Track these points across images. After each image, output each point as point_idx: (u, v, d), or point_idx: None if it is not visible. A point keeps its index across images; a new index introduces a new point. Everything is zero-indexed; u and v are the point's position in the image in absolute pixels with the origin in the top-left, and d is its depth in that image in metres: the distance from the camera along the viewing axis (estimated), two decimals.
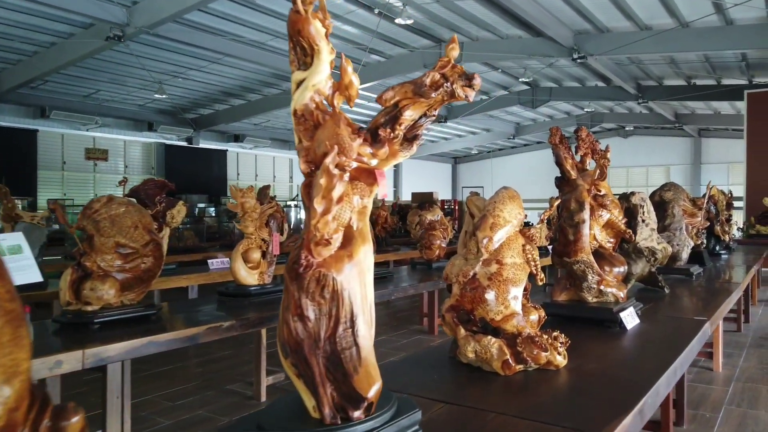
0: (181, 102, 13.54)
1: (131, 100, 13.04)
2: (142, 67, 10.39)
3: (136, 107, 13.57)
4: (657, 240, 3.38)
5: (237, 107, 14.28)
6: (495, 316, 1.72)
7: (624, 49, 9.24)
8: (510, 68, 12.97)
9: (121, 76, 11.50)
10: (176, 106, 13.69)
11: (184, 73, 11.49)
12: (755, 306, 6.75)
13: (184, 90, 12.65)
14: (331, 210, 1.06)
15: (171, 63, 10.84)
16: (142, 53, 10.02)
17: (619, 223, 2.55)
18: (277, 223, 3.22)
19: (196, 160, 14.97)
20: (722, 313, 2.91)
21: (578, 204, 2.39)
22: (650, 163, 22.33)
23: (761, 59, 10.78)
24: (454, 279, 1.76)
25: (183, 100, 13.43)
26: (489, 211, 1.75)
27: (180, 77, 11.64)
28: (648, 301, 3.07)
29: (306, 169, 1.13)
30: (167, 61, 10.74)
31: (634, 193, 3.21)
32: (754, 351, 4.61)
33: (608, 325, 2.40)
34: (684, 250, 4.08)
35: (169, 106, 13.81)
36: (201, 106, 14.19)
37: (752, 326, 5.58)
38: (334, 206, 1.06)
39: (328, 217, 1.06)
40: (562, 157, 2.40)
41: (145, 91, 12.23)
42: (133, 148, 14.21)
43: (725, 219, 6.13)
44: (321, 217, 1.05)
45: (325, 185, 1.05)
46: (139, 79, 11.54)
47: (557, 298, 2.59)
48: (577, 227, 2.38)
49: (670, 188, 4.13)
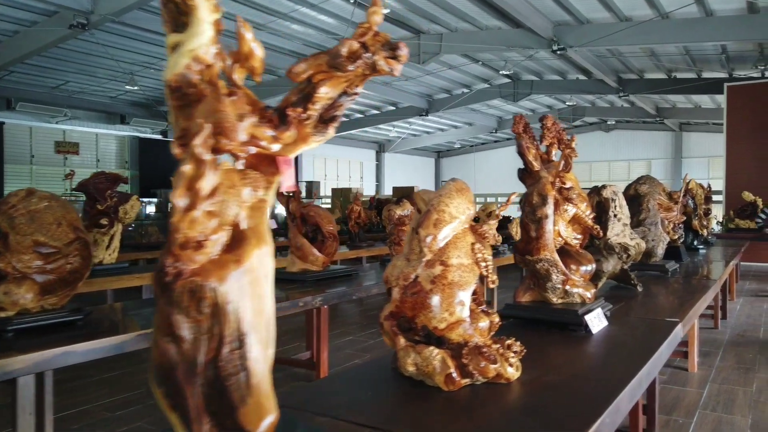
0: (155, 94, 13.19)
1: (102, 91, 12.67)
2: (110, 57, 10.05)
3: (108, 99, 13.20)
4: (630, 235, 3.22)
5: None
6: (438, 324, 1.52)
7: (604, 40, 9.11)
8: (490, 60, 12.80)
9: (89, 67, 11.14)
10: (150, 98, 13.34)
11: (156, 64, 11.16)
12: (733, 301, 6.65)
13: (157, 81, 12.30)
14: (198, 205, 0.85)
15: (140, 53, 10.51)
16: (109, 42, 9.69)
17: (586, 218, 2.37)
18: None
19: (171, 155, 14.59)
20: (696, 313, 2.75)
21: (541, 198, 2.20)
22: (632, 158, 22.39)
23: (741, 52, 10.73)
24: (395, 282, 1.57)
25: (157, 92, 13.08)
26: (433, 205, 1.56)
27: (152, 68, 11.30)
28: (619, 300, 2.90)
29: (180, 153, 0.92)
30: (136, 51, 10.41)
31: (606, 186, 3.04)
32: (731, 349, 4.48)
33: (573, 329, 2.22)
34: (659, 245, 3.93)
35: (143, 99, 13.45)
36: None
37: (730, 323, 5.47)
38: (203, 200, 0.85)
39: (196, 214, 0.85)
40: (525, 147, 2.21)
41: (116, 82, 11.88)
42: (106, 142, 13.84)
43: (703, 213, 6.02)
44: (184, 214, 0.84)
45: (189, 174, 0.84)
46: (108, 69, 11.19)
47: (520, 299, 2.41)
48: (539, 223, 2.19)
49: (646, 181, 3.97)
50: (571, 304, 2.33)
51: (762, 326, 5.35)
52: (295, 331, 5.04)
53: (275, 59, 11.06)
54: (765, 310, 6.13)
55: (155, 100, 13.48)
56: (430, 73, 13.59)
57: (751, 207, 9.12)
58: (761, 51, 10.33)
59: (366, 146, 22.40)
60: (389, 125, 19.01)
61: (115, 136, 13.97)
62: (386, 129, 19.79)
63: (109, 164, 13.94)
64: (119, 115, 13.39)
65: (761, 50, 10.32)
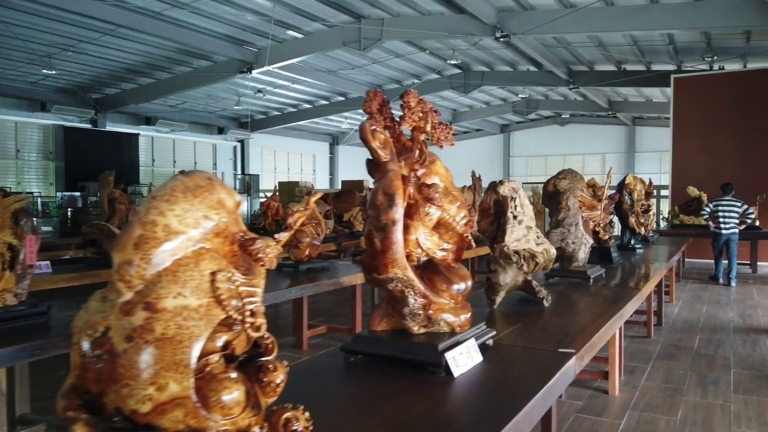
0: (80, 80, 12.26)
1: (20, 76, 11.67)
2: (16, 36, 9.16)
3: (28, 85, 12.19)
4: (537, 240, 2.73)
5: (146, 86, 13.09)
6: (139, 405, 0.96)
7: (547, 27, 8.70)
8: (438, 50, 12.32)
9: (3, 49, 10.18)
10: (75, 84, 12.40)
11: (75, 46, 10.28)
12: (672, 303, 6.31)
13: (79, 66, 11.40)
14: None
15: (55, 33, 9.63)
16: (17, 21, 8.81)
17: (454, 222, 1.85)
18: (30, 223, 2.38)
19: (102, 145, 13.66)
20: (603, 339, 2.27)
21: (387, 198, 1.67)
22: (587, 151, 22.33)
23: (689, 43, 10.49)
24: (78, 336, 1.00)
25: (81, 78, 12.15)
26: (139, 216, 0.99)
27: (70, 50, 10.41)
28: (513, 321, 2.41)
29: None
30: (50, 32, 9.53)
31: (504, 182, 2.54)
32: (661, 364, 4.07)
33: (431, 370, 1.70)
34: (581, 248, 3.47)
35: (68, 85, 12.49)
36: (105, 85, 12.92)
37: (665, 330, 5.08)
38: None
39: None
40: (368, 131, 1.67)
41: (33, 66, 10.92)
42: (28, 131, 12.82)
43: (641, 210, 5.63)
44: None
45: None
46: (23, 52, 10.24)
47: (376, 327, 1.88)
48: (384, 231, 1.66)
49: (566, 176, 3.50)
50: (435, 336, 1.81)
51: (698, 333, 4.98)
52: None
53: (205, 42, 10.33)
54: (704, 314, 5.79)
55: (80, 86, 12.53)
56: (377, 62, 13.04)
57: (696, 202, 8.89)
58: (708, 42, 10.11)
59: (319, 138, 21.71)
60: (340, 117, 18.38)
61: (39, 125, 12.95)
62: (338, 120, 19.16)
63: (31, 155, 12.92)
64: (40, 102, 12.38)
65: (708, 41, 10.09)
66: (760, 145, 10.09)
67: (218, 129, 17.05)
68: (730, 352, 4.37)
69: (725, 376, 3.80)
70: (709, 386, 3.60)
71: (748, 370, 3.95)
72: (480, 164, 23.12)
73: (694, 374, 3.81)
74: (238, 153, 18.33)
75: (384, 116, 1.84)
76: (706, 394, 3.45)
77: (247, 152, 18.35)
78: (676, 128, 10.76)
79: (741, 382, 3.70)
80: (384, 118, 1.84)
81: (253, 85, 13.46)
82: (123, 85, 13.11)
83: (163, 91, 12.96)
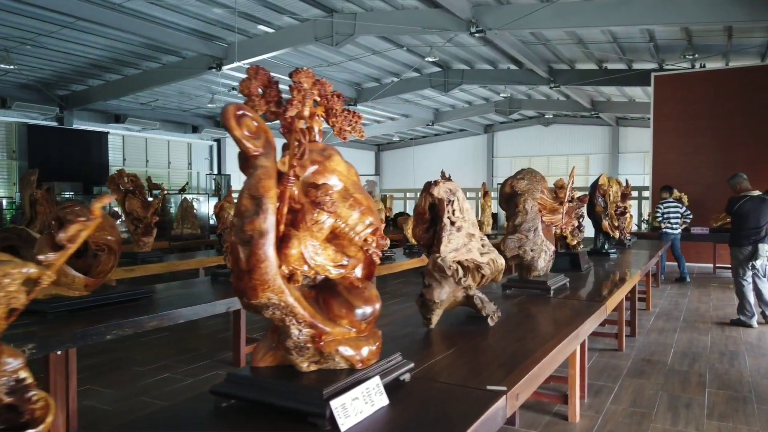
0: (42, 75, 11.76)
1: None
2: None
3: None
4: (481, 249, 2.38)
5: (113, 83, 12.61)
6: None
7: (524, 22, 8.38)
8: (416, 46, 11.98)
9: None
10: (37, 80, 11.89)
11: (33, 40, 9.79)
12: (649, 311, 6.00)
13: (40, 60, 10.90)
14: None
15: (10, 26, 9.15)
16: None
17: (352, 233, 1.49)
18: None
19: (69, 143, 13.16)
20: (546, 370, 1.92)
21: (253, 202, 1.30)
22: (571, 152, 22.10)
23: (669, 40, 10.23)
24: None
25: (43, 73, 11.65)
26: None
27: (28, 44, 9.93)
28: (450, 344, 2.05)
29: None
30: (5, 24, 9.04)
31: (438, 181, 2.18)
32: (631, 383, 3.72)
33: (313, 422, 1.34)
34: (540, 256, 3.12)
35: (31, 80, 11.97)
36: (70, 81, 12.42)
37: (638, 342, 4.74)
38: None
39: None
40: (232, 117, 1.31)
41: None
42: None
43: (615, 212, 5.32)
44: None
45: None
46: None
47: (258, 363, 1.51)
48: (251, 245, 1.29)
49: (525, 176, 3.16)
50: (327, 375, 1.45)
51: (673, 346, 4.65)
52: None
53: (171, 37, 9.90)
54: (681, 324, 5.46)
55: (43, 82, 12.03)
56: (353, 59, 12.66)
57: None
58: (689, 40, 9.84)
59: None
60: None
61: (1, 123, 12.43)
62: None
63: None
64: (0, 99, 11.86)
65: (689, 38, 9.83)
66: (741, 145, 9.85)
67: (192, 128, 16.58)
68: (706, 368, 4.05)
69: (699, 398, 3.47)
70: (681, 410, 3.26)
71: (724, 389, 3.63)
72: (463, 165, 22.86)
73: (666, 395, 3.48)
74: (215, 152, 17.87)
75: (268, 99, 1.49)
76: (677, 420, 3.11)
77: (224, 152, 17.89)
78: (657, 128, 10.50)
79: (716, 404, 3.37)
80: (268, 102, 1.49)
81: (226, 83, 13.03)
82: (89, 81, 12.61)
83: (132, 87, 12.50)
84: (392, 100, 15.97)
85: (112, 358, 4.31)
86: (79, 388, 3.56)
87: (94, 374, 3.91)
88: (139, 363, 4.18)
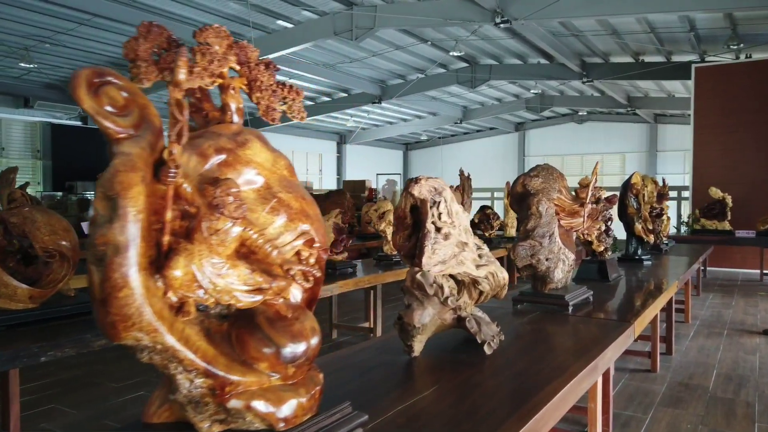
0: (64, 74, 11.74)
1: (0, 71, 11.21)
2: None
3: (11, 80, 11.72)
4: (477, 260, 1.97)
5: None
6: None
7: (551, 10, 7.86)
8: (441, 41, 11.54)
9: None
10: (58, 79, 11.89)
11: (51, 38, 9.73)
12: (688, 324, 5.43)
13: (59, 59, 10.87)
14: None
15: (28, 24, 9.09)
16: None
17: (263, 244, 1.10)
18: None
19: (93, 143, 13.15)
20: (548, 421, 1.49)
21: (107, 205, 0.93)
22: (606, 151, 21.27)
23: (712, 29, 9.54)
24: None
25: (65, 72, 11.63)
26: None
27: (47, 42, 9.87)
28: (434, 380, 1.64)
29: None
30: (23, 22, 9.00)
31: (419, 179, 1.77)
32: (664, 413, 3.22)
33: None
34: (557, 266, 2.68)
35: (53, 80, 11.98)
36: None
37: (675, 361, 4.20)
38: None
39: None
40: (81, 85, 0.94)
41: (12, 59, 10.43)
42: (12, 128, 12.36)
43: (649, 214, 4.80)
44: None
45: None
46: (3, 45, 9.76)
47: (151, 419, 1.14)
48: (104, 264, 0.92)
49: (539, 173, 2.72)
50: None
51: (715, 367, 4.10)
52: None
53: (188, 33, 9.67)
54: (724, 340, 4.87)
55: (65, 81, 12.02)
56: (376, 54, 12.30)
57: (720, 205, 7.97)
58: (733, 27, 9.13)
59: (325, 137, 21.05)
60: (345, 114, 17.70)
61: (23, 122, 12.48)
62: (343, 118, 18.47)
63: (16, 153, 12.46)
64: (23, 98, 11.89)
65: (733, 26, 9.12)
66: None
67: None
68: (755, 396, 3.51)
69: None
70: None
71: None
72: (494, 164, 22.26)
73: (706, 430, 2.98)
74: None
75: (163, 67, 1.11)
76: None
77: None
78: (697, 124, 9.80)
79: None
80: (162, 70, 1.11)
81: None
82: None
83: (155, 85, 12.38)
84: (418, 97, 15.54)
85: (91, 371, 3.99)
86: (43, 407, 3.28)
87: (65, 390, 3.59)
88: (116, 378, 3.83)
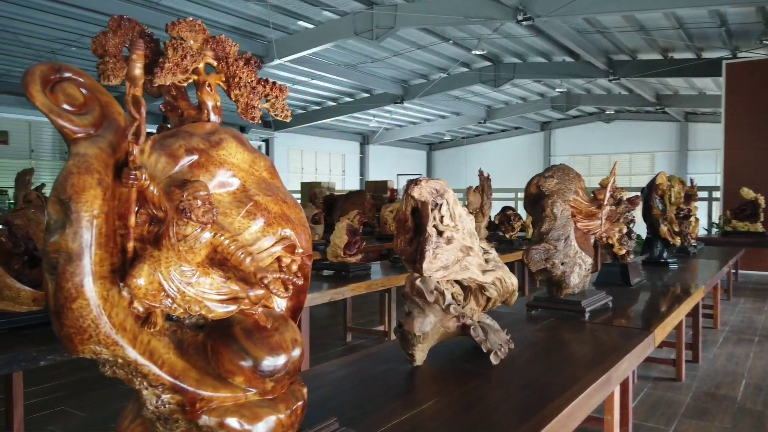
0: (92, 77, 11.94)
1: None
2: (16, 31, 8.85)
3: None
4: (484, 265, 1.88)
5: None
6: None
7: (575, 6, 7.67)
8: (463, 39, 11.40)
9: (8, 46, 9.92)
10: None
11: (77, 41, 9.90)
12: (717, 330, 5.21)
13: (86, 62, 11.03)
14: None
15: (55, 28, 9.28)
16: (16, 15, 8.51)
17: (235, 251, 1.03)
18: None
19: None
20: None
21: (59, 209, 0.87)
22: (635, 150, 20.81)
23: (744, 24, 9.22)
24: None
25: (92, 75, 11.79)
26: None
27: (73, 46, 10.05)
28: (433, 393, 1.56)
29: None
30: (49, 26, 9.19)
31: (420, 180, 1.69)
32: (689, 426, 3.05)
33: None
34: (574, 271, 2.57)
35: None
36: None
37: (701, 370, 4.01)
38: None
39: None
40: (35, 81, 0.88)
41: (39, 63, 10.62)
42: (42, 131, 12.62)
43: (675, 216, 4.62)
44: None
45: None
46: (26, 48, 9.96)
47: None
48: (57, 273, 0.86)
49: (555, 174, 2.60)
50: None
51: (745, 376, 3.89)
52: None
53: None
54: (755, 348, 4.65)
55: None
56: (398, 54, 12.22)
57: (751, 206, 7.67)
58: (766, 22, 8.81)
59: (347, 137, 21.04)
60: (367, 114, 17.65)
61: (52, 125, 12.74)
62: (366, 119, 18.43)
63: (45, 155, 12.72)
64: None
65: (766, 21, 8.80)
66: None
67: (240, 128, 16.58)
68: None
69: None
70: None
71: None
72: (519, 164, 21.96)
73: None
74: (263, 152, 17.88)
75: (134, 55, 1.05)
76: None
77: (272, 152, 17.84)
78: (729, 122, 9.48)
79: None
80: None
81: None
82: None
83: None
84: (441, 97, 15.41)
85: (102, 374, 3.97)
86: (53, 409, 3.28)
87: (75, 392, 3.57)
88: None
